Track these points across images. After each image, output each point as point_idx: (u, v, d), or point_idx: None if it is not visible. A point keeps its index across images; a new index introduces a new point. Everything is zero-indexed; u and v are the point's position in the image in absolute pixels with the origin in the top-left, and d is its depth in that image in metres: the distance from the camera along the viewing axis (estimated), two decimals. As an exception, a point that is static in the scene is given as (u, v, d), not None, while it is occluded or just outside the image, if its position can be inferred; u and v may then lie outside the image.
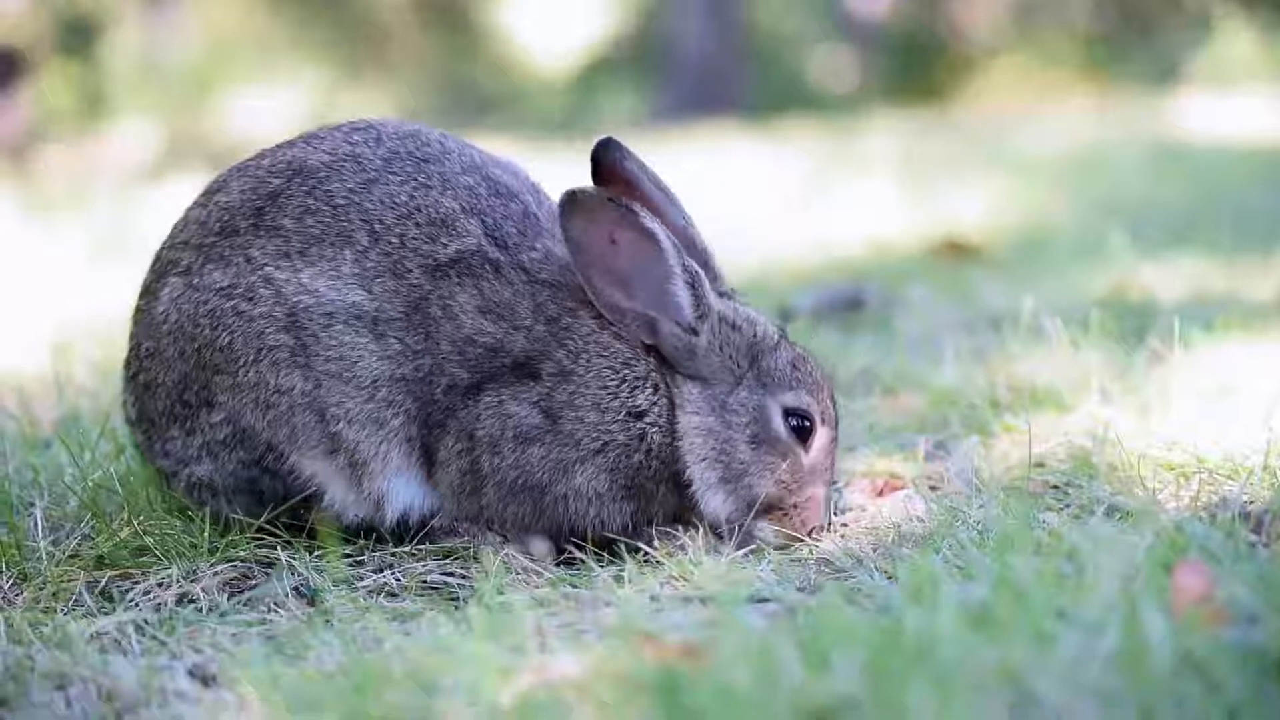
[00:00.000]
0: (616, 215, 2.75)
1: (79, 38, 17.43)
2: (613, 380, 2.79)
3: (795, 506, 2.84)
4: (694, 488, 2.82)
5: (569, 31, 22.25)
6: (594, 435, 2.77)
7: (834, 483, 2.95)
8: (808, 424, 2.85)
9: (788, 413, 2.83)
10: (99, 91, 17.80)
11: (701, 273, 2.82)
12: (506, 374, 2.78)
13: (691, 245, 2.92)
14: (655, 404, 2.80)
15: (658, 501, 2.83)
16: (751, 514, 2.81)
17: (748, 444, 2.82)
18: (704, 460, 2.81)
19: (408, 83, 22.39)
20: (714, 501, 2.82)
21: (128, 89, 18.32)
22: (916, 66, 20.63)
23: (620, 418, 2.78)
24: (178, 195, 3.30)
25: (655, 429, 2.80)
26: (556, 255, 2.85)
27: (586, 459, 2.78)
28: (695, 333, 2.81)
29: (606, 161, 2.89)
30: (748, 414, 2.82)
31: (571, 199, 2.75)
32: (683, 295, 2.80)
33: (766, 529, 2.83)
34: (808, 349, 2.96)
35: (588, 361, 2.79)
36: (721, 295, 2.90)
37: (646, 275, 2.78)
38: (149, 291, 2.95)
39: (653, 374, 2.81)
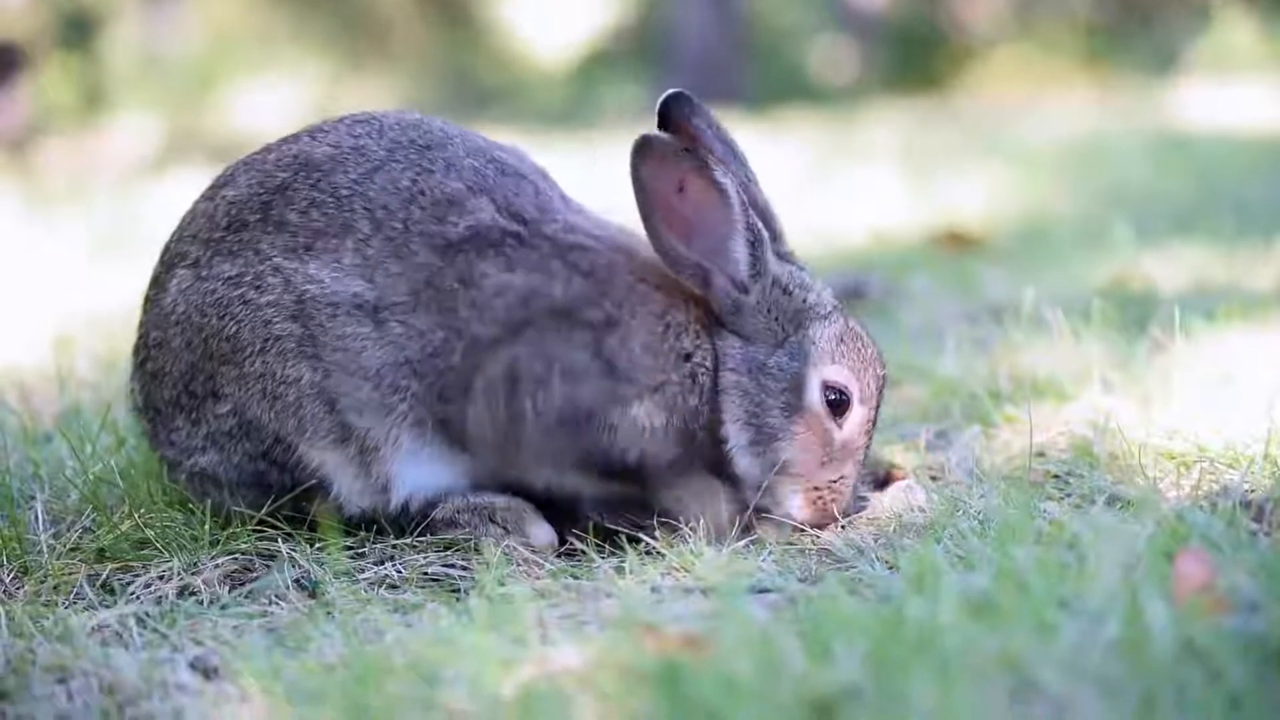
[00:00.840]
0: (690, 165, 2.75)
1: (79, 32, 17.38)
2: (658, 326, 2.79)
3: (826, 486, 2.83)
4: (729, 445, 2.81)
5: (569, 24, 22.22)
6: (650, 374, 2.76)
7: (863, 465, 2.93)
8: (844, 399, 2.83)
9: (825, 385, 2.83)
10: (99, 86, 17.75)
11: (765, 235, 2.81)
12: (544, 319, 2.76)
13: (754, 202, 2.90)
14: (700, 347, 2.80)
15: (700, 452, 2.81)
16: (773, 471, 2.80)
17: (780, 410, 2.81)
18: (738, 421, 2.80)
19: (409, 76, 22.34)
20: (742, 463, 2.82)
21: (128, 83, 18.27)
22: (917, 57, 20.56)
23: (672, 360, 2.78)
24: (179, 190, 3.30)
25: (703, 370, 2.80)
26: (577, 226, 2.85)
27: (644, 395, 2.76)
28: (746, 291, 2.81)
29: (675, 115, 2.89)
30: (785, 380, 2.81)
31: (646, 143, 2.75)
32: (741, 252, 2.79)
33: (795, 502, 2.82)
34: (864, 325, 2.94)
35: (632, 309, 2.78)
36: (781, 257, 2.90)
37: (709, 227, 2.78)
38: (158, 282, 2.95)
39: (694, 322, 2.81)
